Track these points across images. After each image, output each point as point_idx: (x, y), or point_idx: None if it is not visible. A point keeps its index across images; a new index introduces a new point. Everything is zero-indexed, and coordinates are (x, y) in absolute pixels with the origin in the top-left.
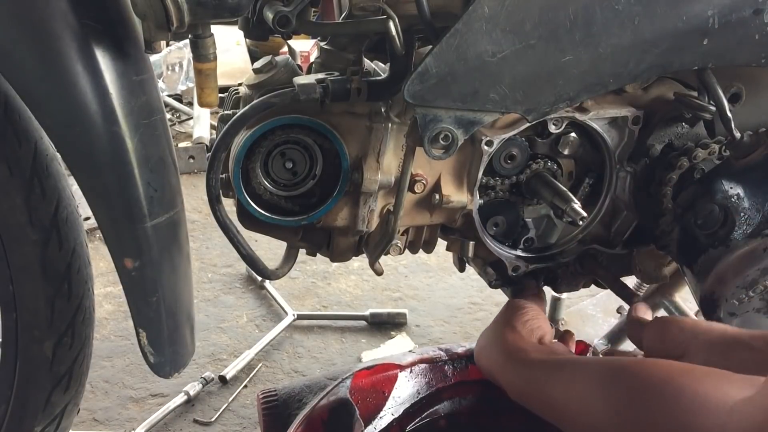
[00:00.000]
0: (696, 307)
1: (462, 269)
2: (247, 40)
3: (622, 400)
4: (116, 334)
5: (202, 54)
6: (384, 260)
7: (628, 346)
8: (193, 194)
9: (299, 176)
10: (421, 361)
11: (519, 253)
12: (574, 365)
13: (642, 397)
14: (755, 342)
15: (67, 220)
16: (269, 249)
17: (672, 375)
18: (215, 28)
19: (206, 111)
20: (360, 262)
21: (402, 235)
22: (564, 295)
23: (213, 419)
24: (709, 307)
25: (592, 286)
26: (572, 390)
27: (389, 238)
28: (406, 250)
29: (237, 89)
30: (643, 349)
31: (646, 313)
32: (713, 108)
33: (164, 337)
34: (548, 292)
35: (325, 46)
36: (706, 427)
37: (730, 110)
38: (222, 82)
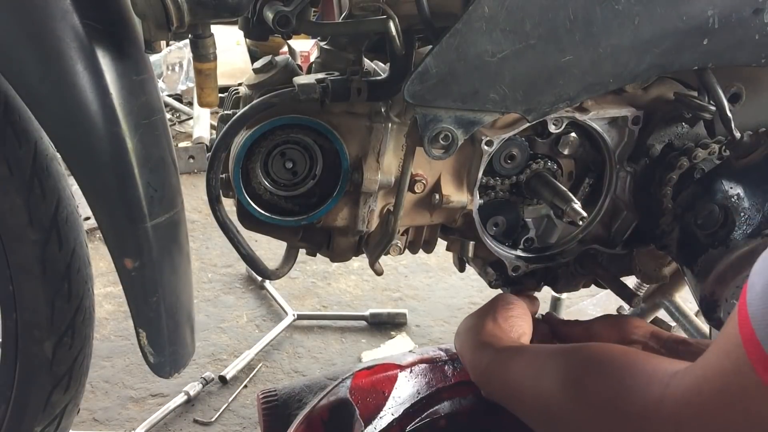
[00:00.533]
0: (696, 307)
1: (462, 269)
2: (247, 40)
3: (576, 371)
4: (116, 334)
5: (202, 54)
6: (384, 260)
7: None
8: (193, 194)
9: (299, 176)
10: (421, 361)
11: (519, 253)
12: (535, 350)
13: (594, 368)
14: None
15: (67, 220)
16: (269, 249)
17: (622, 351)
18: (215, 28)
19: (206, 111)
20: (360, 262)
21: (402, 235)
22: (564, 295)
23: (213, 419)
24: (709, 307)
25: (592, 286)
26: (529, 369)
27: (389, 238)
28: (406, 250)
29: (237, 89)
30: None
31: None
32: (713, 108)
33: (164, 337)
34: (548, 292)
35: (325, 46)
36: (651, 388)
37: (730, 110)
38: (222, 82)
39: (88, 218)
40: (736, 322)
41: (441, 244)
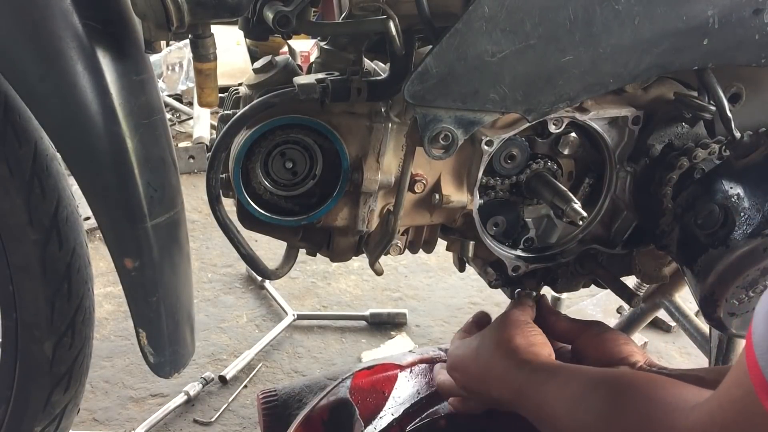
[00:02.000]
0: (696, 307)
1: (462, 269)
2: (247, 40)
3: (607, 404)
4: (116, 334)
5: (202, 54)
6: (384, 260)
7: None
8: (193, 194)
9: (299, 176)
10: (421, 361)
11: (519, 253)
12: (569, 372)
13: (625, 402)
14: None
15: (67, 220)
16: (269, 249)
17: (648, 380)
18: (215, 28)
19: (206, 111)
20: (360, 262)
21: (402, 235)
22: (564, 295)
23: (213, 419)
24: (709, 307)
25: (592, 286)
26: (563, 394)
27: (389, 238)
28: (406, 250)
29: (237, 89)
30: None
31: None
32: (713, 108)
33: (164, 337)
34: (548, 292)
35: (325, 46)
36: (674, 421)
37: (730, 110)
38: (222, 82)
39: (88, 218)
40: (744, 350)
41: (441, 244)
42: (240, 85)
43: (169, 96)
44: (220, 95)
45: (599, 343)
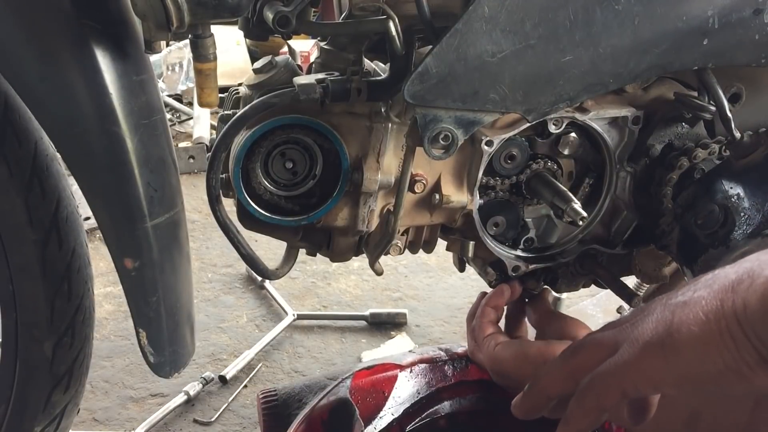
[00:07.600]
0: None
1: (462, 269)
2: (247, 40)
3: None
4: (116, 334)
5: (202, 54)
6: (384, 260)
7: None
8: (193, 194)
9: (299, 176)
10: (421, 361)
11: (519, 253)
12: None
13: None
14: None
15: (67, 220)
16: (269, 249)
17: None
18: (215, 28)
19: (206, 111)
20: (360, 262)
21: (402, 235)
22: (564, 295)
23: (213, 419)
24: None
25: (592, 286)
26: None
27: (389, 238)
28: (406, 250)
29: (237, 89)
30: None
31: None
32: (713, 108)
33: (164, 337)
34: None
35: (325, 46)
36: None
37: (730, 110)
38: (222, 82)
39: (88, 218)
40: None
41: (441, 244)
42: (240, 85)
43: (169, 96)
44: (220, 95)
45: (559, 327)
